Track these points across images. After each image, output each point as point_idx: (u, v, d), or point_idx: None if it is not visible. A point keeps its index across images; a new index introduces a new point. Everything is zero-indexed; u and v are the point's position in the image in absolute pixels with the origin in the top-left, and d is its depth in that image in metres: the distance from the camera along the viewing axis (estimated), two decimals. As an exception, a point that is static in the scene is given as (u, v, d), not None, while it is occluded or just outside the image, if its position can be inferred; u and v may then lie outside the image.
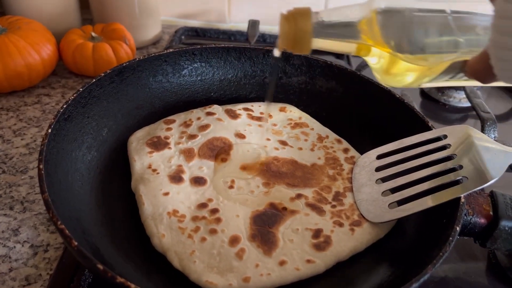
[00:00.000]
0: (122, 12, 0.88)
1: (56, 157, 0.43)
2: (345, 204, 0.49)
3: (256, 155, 0.54)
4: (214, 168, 0.52)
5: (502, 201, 0.45)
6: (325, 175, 0.53)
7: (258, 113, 0.62)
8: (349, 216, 0.47)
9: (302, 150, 0.56)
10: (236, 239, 0.43)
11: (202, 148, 0.54)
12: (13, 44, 0.70)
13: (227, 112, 0.60)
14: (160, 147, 0.53)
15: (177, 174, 0.50)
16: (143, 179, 0.49)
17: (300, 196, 0.49)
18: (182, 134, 0.55)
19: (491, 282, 0.51)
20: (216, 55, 0.64)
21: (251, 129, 0.58)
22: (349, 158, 0.56)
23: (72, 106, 0.48)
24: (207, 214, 0.46)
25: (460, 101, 0.85)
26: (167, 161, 0.52)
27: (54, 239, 0.51)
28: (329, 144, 0.58)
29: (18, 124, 0.68)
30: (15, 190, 0.56)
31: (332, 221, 0.46)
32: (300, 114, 0.63)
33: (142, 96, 0.59)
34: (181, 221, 0.45)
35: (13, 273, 0.46)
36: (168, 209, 0.45)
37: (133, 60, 0.57)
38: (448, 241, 0.38)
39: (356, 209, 0.48)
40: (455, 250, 0.54)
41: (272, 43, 1.00)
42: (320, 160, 0.55)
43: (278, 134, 0.59)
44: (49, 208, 0.35)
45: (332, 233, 0.45)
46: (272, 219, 0.46)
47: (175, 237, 0.43)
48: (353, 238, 0.45)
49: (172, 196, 0.47)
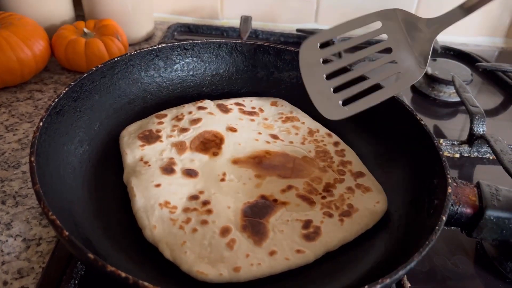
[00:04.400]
0: (115, 8, 0.88)
1: (47, 150, 0.43)
2: (335, 195, 0.49)
3: (247, 148, 0.55)
4: (206, 161, 0.52)
5: (487, 191, 0.46)
6: (315, 166, 0.54)
7: (250, 108, 0.62)
8: (338, 206, 0.48)
9: (293, 143, 0.57)
10: (227, 229, 0.43)
11: (194, 141, 0.54)
12: (5, 40, 0.70)
13: (219, 107, 0.60)
14: (152, 140, 0.53)
15: (169, 166, 0.50)
16: (135, 171, 0.49)
17: (291, 187, 0.50)
18: (174, 128, 0.56)
19: (478, 272, 0.52)
20: (207, 50, 0.64)
21: (243, 123, 0.59)
22: (339, 150, 0.56)
23: (64, 100, 0.48)
24: (199, 206, 0.46)
25: (450, 96, 0.86)
26: (159, 153, 0.52)
27: (46, 232, 0.51)
28: (319, 137, 0.58)
29: (10, 120, 0.68)
30: (7, 185, 0.57)
31: (322, 212, 0.47)
32: (291, 108, 0.63)
33: (134, 91, 0.60)
34: (173, 212, 0.45)
35: (5, 266, 0.47)
36: (159, 200, 0.46)
37: (125, 55, 0.57)
38: (435, 230, 0.38)
39: (344, 200, 0.49)
40: (443, 241, 0.54)
41: (265, 39, 1.01)
42: (311, 152, 0.56)
43: (269, 128, 0.59)
44: (40, 199, 0.35)
45: (321, 224, 0.45)
46: (263, 210, 0.46)
47: (167, 228, 0.43)
48: (342, 229, 0.45)
49: (164, 187, 0.48)
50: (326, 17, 1.10)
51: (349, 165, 0.54)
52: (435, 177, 0.46)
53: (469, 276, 0.52)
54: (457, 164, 0.69)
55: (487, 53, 1.08)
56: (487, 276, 0.51)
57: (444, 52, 1.04)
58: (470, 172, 0.69)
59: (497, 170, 0.61)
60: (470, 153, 0.71)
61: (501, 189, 0.47)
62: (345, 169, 0.53)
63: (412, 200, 0.47)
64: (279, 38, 1.02)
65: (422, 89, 0.88)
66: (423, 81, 0.89)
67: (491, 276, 0.51)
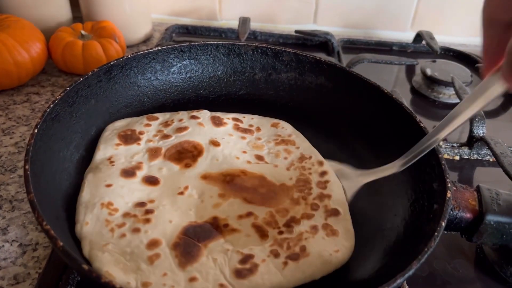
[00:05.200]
0: (112, 10, 0.88)
1: (43, 157, 0.43)
2: (293, 232, 0.44)
3: (223, 165, 0.52)
4: (175, 171, 0.51)
5: (487, 195, 0.46)
6: (289, 197, 0.49)
7: (247, 125, 0.60)
8: (291, 246, 0.43)
9: (277, 167, 0.53)
10: (156, 243, 0.41)
11: (170, 149, 0.53)
12: (1, 42, 0.70)
13: (212, 119, 0.58)
14: (130, 141, 0.53)
15: (132, 169, 0.49)
16: (97, 168, 0.49)
17: (250, 214, 0.46)
18: (157, 133, 0.55)
19: (478, 277, 0.51)
20: (205, 52, 0.64)
21: (231, 139, 0.56)
22: (323, 182, 0.51)
23: (59, 106, 0.48)
24: (140, 213, 0.44)
25: (449, 98, 0.85)
26: (131, 156, 0.51)
27: (43, 237, 0.50)
28: (308, 164, 0.54)
29: (7, 123, 0.68)
30: (3, 189, 0.56)
31: (270, 249, 0.42)
32: (292, 132, 0.59)
33: (130, 94, 0.59)
34: (112, 214, 0.44)
35: (1, 272, 0.46)
36: (103, 200, 0.45)
37: (121, 58, 0.57)
38: (434, 236, 0.38)
39: (301, 240, 0.44)
40: (443, 245, 0.54)
41: (263, 41, 1.00)
42: (291, 180, 0.52)
43: (258, 148, 0.56)
44: (34, 209, 0.35)
45: (262, 263, 0.41)
46: (205, 234, 0.43)
47: (97, 227, 0.42)
48: (281, 274, 0.40)
49: (114, 188, 0.46)
50: (325, 18, 1.09)
51: (327, 199, 0.49)
52: (434, 180, 0.45)
53: (469, 280, 0.51)
54: (456, 166, 0.69)
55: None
56: (487, 280, 0.51)
57: (443, 53, 1.04)
58: (470, 174, 0.68)
59: (497, 172, 0.61)
60: (470, 155, 0.70)
61: (502, 192, 0.47)
62: (321, 204, 0.48)
63: (411, 204, 0.47)
64: (278, 40, 1.01)
65: (422, 90, 0.88)
66: (423, 83, 0.89)
67: (491, 280, 0.51)
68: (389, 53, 1.01)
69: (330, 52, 0.98)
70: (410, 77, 0.94)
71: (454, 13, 1.08)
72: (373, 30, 1.12)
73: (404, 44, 1.04)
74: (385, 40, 1.05)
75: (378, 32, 1.12)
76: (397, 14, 1.09)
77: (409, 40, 1.05)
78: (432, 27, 1.04)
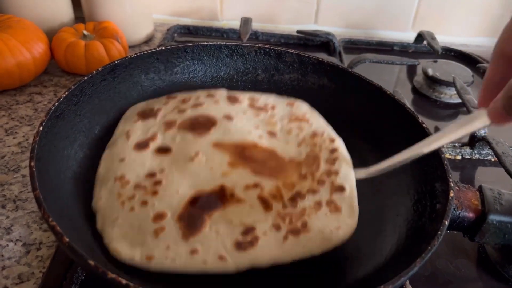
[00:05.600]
0: (114, 10, 0.88)
1: (48, 155, 0.43)
2: (297, 207, 0.44)
3: (236, 136, 0.52)
4: (188, 139, 0.51)
5: (490, 195, 0.46)
6: (297, 172, 0.49)
7: (262, 103, 0.60)
8: (293, 221, 0.43)
9: (288, 143, 0.54)
10: (162, 216, 0.42)
11: (185, 121, 0.54)
12: (4, 43, 0.70)
13: (228, 98, 0.59)
14: (148, 117, 0.54)
15: (146, 141, 0.50)
16: (114, 143, 0.50)
17: (257, 185, 0.46)
18: (174, 109, 0.56)
19: (480, 276, 0.52)
20: (208, 52, 0.64)
21: (245, 116, 0.57)
22: (332, 159, 0.50)
23: (64, 104, 0.48)
24: (149, 185, 0.45)
25: (451, 98, 0.85)
26: (147, 129, 0.52)
27: (46, 237, 0.51)
28: (320, 141, 0.54)
29: (10, 123, 0.68)
30: (7, 189, 0.56)
31: (272, 222, 0.43)
32: (307, 110, 0.59)
33: (134, 94, 0.59)
34: (124, 187, 0.45)
35: (5, 271, 0.47)
36: (116, 174, 0.46)
37: (125, 57, 0.57)
38: (437, 235, 0.38)
39: (304, 215, 0.44)
40: (445, 244, 0.54)
41: (265, 41, 1.00)
42: (301, 156, 0.52)
43: (271, 125, 0.56)
44: (40, 205, 0.35)
45: (263, 235, 0.41)
46: (210, 204, 0.44)
47: (109, 201, 0.44)
48: (281, 247, 0.41)
49: (127, 162, 0.48)
50: (326, 18, 1.10)
51: (334, 175, 0.48)
52: (437, 180, 0.45)
53: (472, 279, 0.51)
54: (458, 166, 0.69)
55: (488, 54, 1.07)
56: (489, 280, 0.51)
57: (444, 53, 1.04)
58: (472, 174, 0.68)
59: (498, 172, 0.61)
60: (471, 155, 0.71)
61: (504, 192, 0.47)
62: (327, 180, 0.48)
63: (414, 203, 0.47)
64: (280, 40, 1.02)
65: (423, 90, 0.88)
66: (424, 83, 0.89)
67: (493, 280, 0.51)
68: (391, 53, 1.02)
69: (331, 52, 0.98)
70: (411, 77, 0.94)
71: (455, 13, 1.08)
72: (374, 30, 1.12)
73: (405, 44, 1.04)
74: (386, 40, 1.05)
75: (379, 32, 1.12)
76: (398, 14, 1.09)
77: (410, 40, 1.05)
78: (433, 27, 1.04)
